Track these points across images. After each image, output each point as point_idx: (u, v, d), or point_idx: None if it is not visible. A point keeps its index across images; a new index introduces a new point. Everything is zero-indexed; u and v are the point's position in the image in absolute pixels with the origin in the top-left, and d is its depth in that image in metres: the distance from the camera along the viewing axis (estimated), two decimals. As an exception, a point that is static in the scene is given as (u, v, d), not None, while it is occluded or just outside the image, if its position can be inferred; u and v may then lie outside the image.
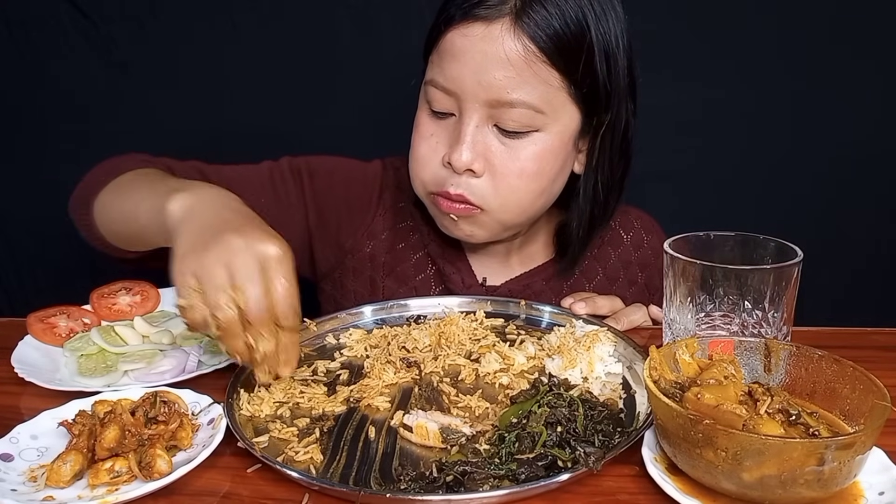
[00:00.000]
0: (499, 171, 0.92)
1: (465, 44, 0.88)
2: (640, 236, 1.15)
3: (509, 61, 0.87)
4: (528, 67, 0.87)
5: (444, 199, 0.94)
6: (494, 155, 0.92)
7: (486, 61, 0.87)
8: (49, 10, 1.42)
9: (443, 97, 0.92)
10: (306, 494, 0.63)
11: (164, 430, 0.68)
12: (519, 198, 0.95)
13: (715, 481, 0.58)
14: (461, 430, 0.70)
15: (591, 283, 1.12)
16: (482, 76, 0.88)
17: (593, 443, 0.66)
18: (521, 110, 0.89)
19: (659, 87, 1.33)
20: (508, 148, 0.92)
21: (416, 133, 0.97)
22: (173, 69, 1.46)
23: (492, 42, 0.87)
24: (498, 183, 0.93)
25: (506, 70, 0.87)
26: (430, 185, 0.96)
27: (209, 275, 0.68)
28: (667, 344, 0.71)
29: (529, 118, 0.90)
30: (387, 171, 1.12)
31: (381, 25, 1.42)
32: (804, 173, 1.48)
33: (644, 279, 1.14)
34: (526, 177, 0.93)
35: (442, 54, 0.91)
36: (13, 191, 1.54)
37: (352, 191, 1.09)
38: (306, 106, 1.47)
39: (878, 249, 1.51)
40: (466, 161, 0.90)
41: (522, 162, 0.92)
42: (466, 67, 0.88)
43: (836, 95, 1.43)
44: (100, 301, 0.99)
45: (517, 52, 0.87)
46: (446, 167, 0.93)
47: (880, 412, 0.58)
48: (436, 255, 1.08)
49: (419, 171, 0.97)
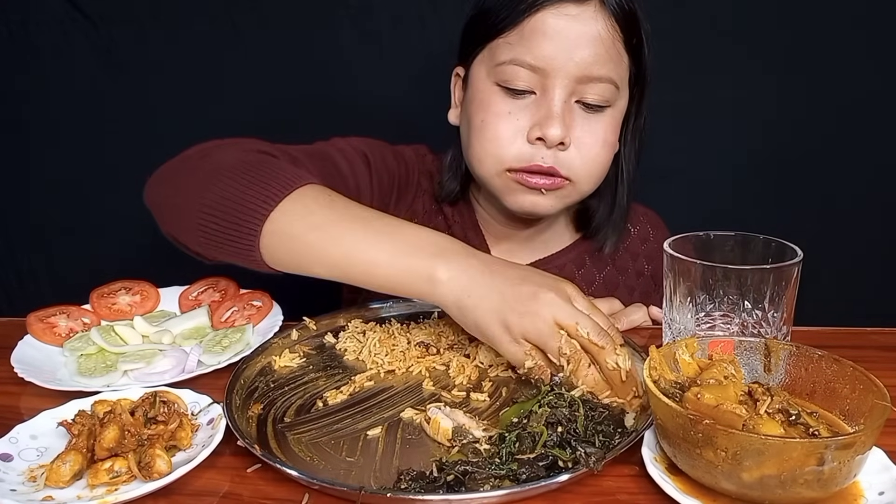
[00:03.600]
0: (584, 143, 0.97)
1: (559, 23, 0.92)
2: (646, 230, 1.20)
3: (600, 39, 0.93)
4: (613, 45, 0.94)
5: (534, 173, 0.97)
6: (579, 127, 0.96)
7: (581, 39, 0.92)
8: (49, 10, 1.41)
9: (528, 75, 0.95)
10: (306, 494, 0.63)
11: (163, 430, 0.68)
12: (599, 168, 1.01)
13: (715, 481, 0.58)
14: (472, 432, 0.70)
15: (601, 272, 1.15)
16: (575, 53, 0.92)
17: (594, 443, 0.66)
18: (604, 85, 0.95)
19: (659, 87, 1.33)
20: (589, 121, 0.97)
21: (487, 113, 0.98)
22: (173, 69, 1.45)
23: (586, 21, 0.92)
24: (584, 154, 0.97)
25: (597, 47, 0.93)
26: (511, 162, 0.98)
27: (539, 331, 0.75)
28: (667, 344, 0.71)
29: (610, 93, 0.96)
30: (418, 156, 1.16)
31: (381, 25, 1.42)
32: (805, 173, 1.47)
33: (651, 271, 1.18)
34: (606, 147, 0.99)
35: (529, 34, 0.94)
36: (13, 191, 1.54)
37: (401, 170, 1.12)
38: (306, 106, 1.46)
39: (878, 249, 1.51)
40: (560, 134, 0.94)
41: (602, 133, 0.98)
42: (560, 45, 0.92)
43: (837, 95, 1.42)
44: (99, 301, 0.99)
45: (606, 31, 0.93)
46: (534, 143, 0.96)
47: (880, 412, 0.58)
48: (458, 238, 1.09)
49: (497, 149, 0.98)
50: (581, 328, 0.74)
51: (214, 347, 0.88)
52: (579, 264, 1.15)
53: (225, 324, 0.95)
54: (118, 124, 1.47)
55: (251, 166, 0.84)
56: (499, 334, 0.76)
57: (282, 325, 0.92)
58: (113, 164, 1.48)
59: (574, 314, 0.75)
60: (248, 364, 0.83)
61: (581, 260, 1.15)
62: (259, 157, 0.88)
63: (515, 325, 0.75)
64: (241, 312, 0.97)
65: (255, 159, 0.87)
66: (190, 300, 1.02)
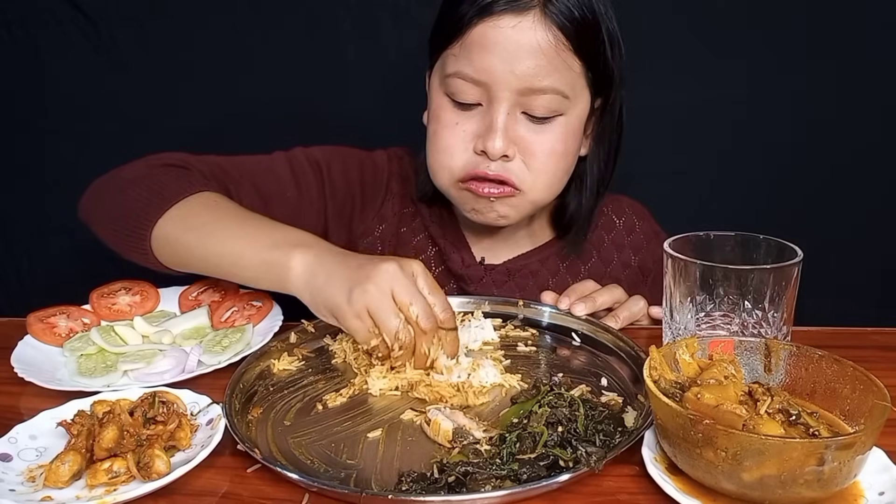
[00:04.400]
0: (530, 154, 0.96)
1: (497, 35, 0.91)
2: (631, 221, 1.19)
3: (541, 50, 0.91)
4: (557, 55, 0.91)
5: (481, 182, 0.97)
6: (524, 139, 0.96)
7: (520, 51, 0.90)
8: (49, 10, 1.41)
9: (470, 88, 0.94)
10: (306, 494, 0.63)
11: (162, 430, 0.68)
12: (549, 178, 0.99)
13: (715, 481, 0.58)
14: (472, 433, 0.70)
15: (586, 265, 1.15)
16: (515, 66, 0.91)
17: (594, 442, 0.66)
18: (550, 96, 0.93)
19: (659, 86, 1.33)
20: (537, 133, 0.96)
21: (437, 124, 0.99)
22: (173, 69, 1.45)
23: (524, 32, 0.90)
24: (531, 165, 0.97)
25: (538, 59, 0.91)
26: (458, 173, 0.98)
27: (378, 306, 0.76)
28: (667, 344, 0.71)
29: (557, 103, 0.94)
30: (392, 160, 1.16)
31: (381, 25, 1.42)
32: (804, 173, 1.47)
33: (637, 262, 1.18)
34: (555, 157, 0.98)
35: (470, 47, 0.93)
36: (13, 191, 1.54)
37: (365, 177, 1.13)
38: (306, 105, 1.46)
39: (878, 249, 1.51)
40: (501, 148, 0.94)
41: (551, 144, 0.96)
42: (499, 58, 0.91)
43: (836, 95, 1.42)
44: (99, 301, 0.99)
45: (547, 41, 0.90)
46: (479, 154, 0.96)
47: (880, 412, 0.58)
48: (436, 237, 1.12)
49: (446, 160, 0.99)
50: (412, 308, 0.76)
51: (214, 347, 0.88)
52: (563, 257, 1.14)
53: (225, 324, 0.95)
54: (118, 124, 1.47)
55: (149, 180, 0.95)
56: (343, 308, 0.77)
57: (281, 325, 0.92)
58: (113, 164, 1.47)
59: (411, 293, 0.77)
60: (247, 368, 0.83)
61: (564, 253, 1.14)
62: (160, 171, 0.97)
63: (357, 297, 0.76)
64: (241, 312, 0.97)
65: (154, 173, 0.96)
66: (190, 300, 1.02)
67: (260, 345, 0.87)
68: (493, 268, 1.12)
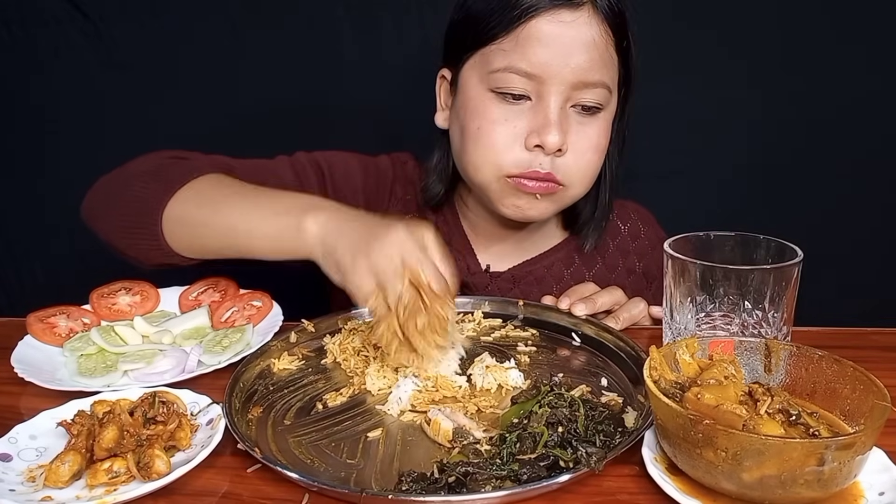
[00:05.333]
0: (579, 149, 0.97)
1: (554, 30, 0.92)
2: (636, 227, 1.19)
3: (594, 44, 0.93)
4: (606, 50, 0.95)
5: (528, 179, 0.97)
6: (574, 133, 0.97)
7: (574, 45, 0.93)
8: (49, 10, 1.41)
9: (523, 81, 0.95)
10: (306, 494, 0.63)
11: (162, 430, 0.68)
12: (592, 171, 1.01)
13: (715, 481, 0.58)
14: (473, 433, 0.70)
15: (590, 270, 1.15)
16: (570, 60, 0.93)
17: (594, 443, 0.66)
18: (599, 90, 0.96)
19: (659, 86, 1.33)
20: (584, 126, 0.97)
21: (483, 120, 0.98)
22: (173, 69, 1.45)
23: (579, 27, 0.92)
24: (578, 159, 0.98)
25: (591, 53, 0.93)
26: (509, 168, 0.98)
27: (384, 267, 0.76)
28: (667, 344, 0.71)
29: (603, 97, 0.97)
30: (396, 165, 1.16)
31: (381, 25, 1.42)
32: (804, 173, 1.47)
33: (642, 268, 1.17)
34: (599, 152, 1.00)
35: (524, 41, 0.93)
36: (13, 191, 1.54)
37: (368, 182, 1.13)
38: (306, 106, 1.47)
39: (878, 249, 1.51)
40: (559, 141, 0.94)
41: (596, 138, 0.99)
42: (556, 52, 0.92)
43: (836, 95, 1.42)
44: (99, 301, 0.98)
45: (599, 36, 0.93)
46: (532, 150, 0.96)
47: (880, 412, 0.58)
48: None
49: (495, 156, 0.98)
50: (423, 273, 0.76)
51: (214, 347, 0.88)
52: (568, 263, 1.14)
53: (225, 324, 0.95)
54: (118, 124, 1.47)
55: (156, 168, 0.96)
56: (350, 266, 0.78)
57: (281, 325, 0.92)
58: (113, 164, 1.47)
59: (421, 258, 0.77)
60: (246, 367, 0.83)
61: (570, 259, 1.14)
62: (163, 162, 0.98)
63: (365, 257, 0.77)
64: (241, 312, 0.97)
65: (160, 163, 0.97)
66: (190, 300, 1.02)
67: (260, 345, 0.87)
68: (498, 275, 1.11)
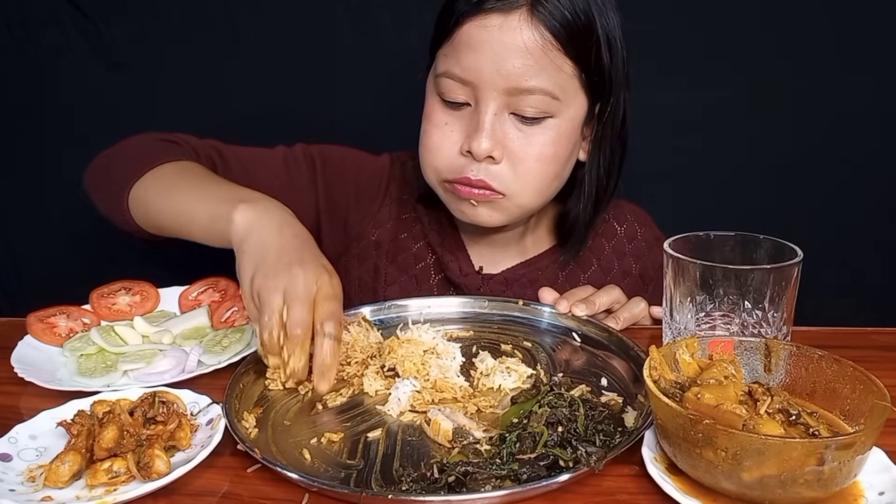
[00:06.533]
0: (517, 157, 0.95)
1: (483, 35, 0.91)
2: (633, 228, 1.18)
3: (527, 49, 0.90)
4: (545, 55, 0.91)
5: (464, 185, 0.97)
6: (512, 141, 0.95)
7: (505, 50, 0.90)
8: (49, 10, 1.41)
9: (458, 87, 0.94)
10: (306, 494, 0.63)
11: (162, 430, 0.68)
12: (537, 182, 0.98)
13: (715, 481, 0.58)
14: (472, 433, 0.70)
15: (585, 273, 1.14)
16: (501, 65, 0.90)
17: (594, 442, 0.66)
18: (538, 97, 0.92)
19: (659, 86, 1.33)
20: (525, 134, 0.95)
21: (427, 123, 0.99)
22: (173, 69, 1.45)
23: (510, 32, 0.90)
24: (517, 168, 0.96)
25: (524, 58, 0.90)
26: (445, 173, 0.98)
27: (268, 299, 0.76)
28: (667, 344, 0.71)
29: (546, 104, 0.93)
30: (394, 165, 1.15)
31: (381, 25, 1.42)
32: (804, 173, 1.47)
33: (639, 270, 1.16)
34: (543, 161, 0.96)
35: (458, 46, 0.93)
36: (13, 191, 1.54)
37: (362, 179, 1.13)
38: (306, 106, 1.47)
39: (878, 249, 1.51)
40: (487, 148, 0.93)
41: (539, 147, 0.95)
42: (485, 57, 0.91)
43: (835, 95, 1.42)
44: (99, 301, 0.98)
45: (534, 41, 0.90)
46: (465, 155, 0.96)
47: (880, 412, 0.58)
48: (435, 245, 1.11)
49: (432, 159, 0.99)
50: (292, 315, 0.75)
51: (214, 347, 0.88)
52: (562, 266, 1.13)
53: (225, 324, 0.95)
54: (118, 124, 1.46)
55: (138, 149, 1.02)
56: (245, 287, 0.79)
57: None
58: (113, 165, 1.48)
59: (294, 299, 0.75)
60: (247, 368, 0.82)
61: (565, 262, 1.13)
62: (151, 143, 1.03)
63: (257, 281, 0.78)
64: (241, 312, 0.96)
65: (145, 144, 1.03)
66: (190, 300, 1.02)
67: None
68: (491, 277, 1.10)
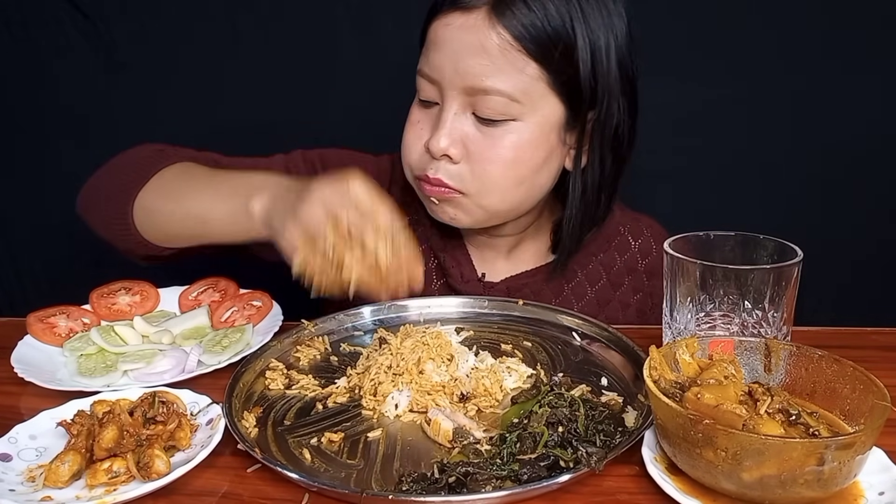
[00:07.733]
0: (475, 158, 0.94)
1: (446, 33, 0.92)
2: (648, 245, 1.14)
3: (484, 49, 0.89)
4: (503, 56, 0.89)
5: (425, 182, 0.97)
6: (472, 142, 0.94)
7: (463, 49, 0.90)
8: (49, 10, 1.42)
9: (428, 86, 0.95)
10: (306, 494, 0.63)
11: (162, 430, 0.68)
12: (498, 184, 0.95)
13: (715, 481, 0.58)
14: (473, 433, 0.70)
15: (594, 286, 1.11)
16: (459, 63, 0.91)
17: (595, 443, 0.66)
18: (497, 98, 0.91)
19: (658, 87, 1.33)
20: (486, 135, 0.93)
21: (407, 120, 1.00)
22: (173, 69, 1.46)
23: (468, 30, 0.90)
24: (475, 168, 0.94)
25: (481, 58, 0.89)
26: (415, 170, 0.99)
27: (308, 221, 0.74)
28: (667, 344, 0.71)
29: (505, 106, 0.91)
30: (395, 167, 1.14)
31: (381, 25, 1.42)
32: (804, 173, 1.47)
33: (650, 287, 1.12)
34: (503, 164, 0.94)
35: (427, 44, 0.95)
36: (13, 191, 1.54)
37: None
38: (306, 106, 1.47)
39: (878, 249, 1.51)
40: (442, 147, 0.93)
41: (499, 150, 0.93)
42: (446, 55, 0.92)
43: (835, 95, 1.42)
44: (99, 301, 0.98)
45: (492, 41, 0.89)
46: (427, 153, 0.96)
47: (880, 412, 0.58)
48: (437, 249, 1.10)
49: (406, 156, 1.00)
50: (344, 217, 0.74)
51: (214, 347, 0.88)
52: (569, 277, 1.10)
53: (225, 324, 0.95)
54: (118, 124, 1.47)
55: (132, 162, 0.99)
56: (281, 231, 0.77)
57: (281, 325, 0.92)
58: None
59: (342, 201, 0.74)
60: (247, 367, 0.83)
61: (571, 273, 1.09)
62: (144, 155, 1.01)
63: (293, 218, 0.76)
64: (240, 312, 0.97)
65: (138, 156, 1.00)
66: (190, 300, 1.02)
67: (260, 345, 0.87)
68: (493, 285, 1.08)
